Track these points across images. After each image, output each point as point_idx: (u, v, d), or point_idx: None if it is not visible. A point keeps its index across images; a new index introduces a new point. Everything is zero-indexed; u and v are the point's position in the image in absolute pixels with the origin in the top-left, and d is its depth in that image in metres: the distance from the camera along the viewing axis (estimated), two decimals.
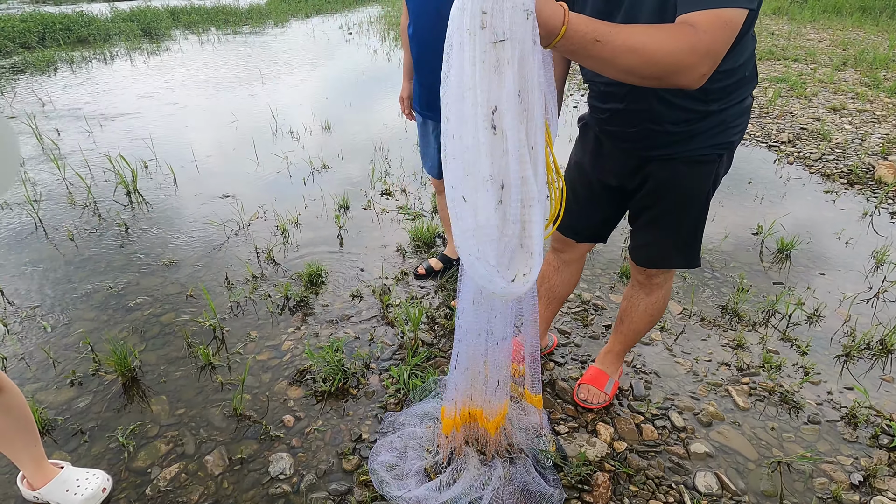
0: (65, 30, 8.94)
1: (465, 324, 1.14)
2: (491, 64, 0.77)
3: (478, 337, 1.16)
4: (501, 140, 0.80)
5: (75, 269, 2.45)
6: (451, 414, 1.30)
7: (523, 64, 0.77)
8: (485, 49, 0.76)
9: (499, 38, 0.76)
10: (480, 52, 0.77)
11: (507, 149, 0.80)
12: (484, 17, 0.75)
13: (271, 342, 1.96)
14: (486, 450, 1.35)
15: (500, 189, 0.81)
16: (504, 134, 0.79)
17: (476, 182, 0.81)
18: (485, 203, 0.82)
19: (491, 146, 0.80)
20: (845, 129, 4.02)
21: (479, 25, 0.75)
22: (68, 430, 1.59)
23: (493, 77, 0.77)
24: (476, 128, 0.79)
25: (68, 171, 3.52)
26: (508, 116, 0.78)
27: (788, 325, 2.01)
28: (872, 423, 1.57)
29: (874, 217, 2.80)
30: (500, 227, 0.83)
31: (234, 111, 4.94)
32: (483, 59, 0.77)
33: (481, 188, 0.81)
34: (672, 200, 1.26)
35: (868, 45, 6.52)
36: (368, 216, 2.95)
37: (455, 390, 1.27)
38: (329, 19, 12.08)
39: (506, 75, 0.77)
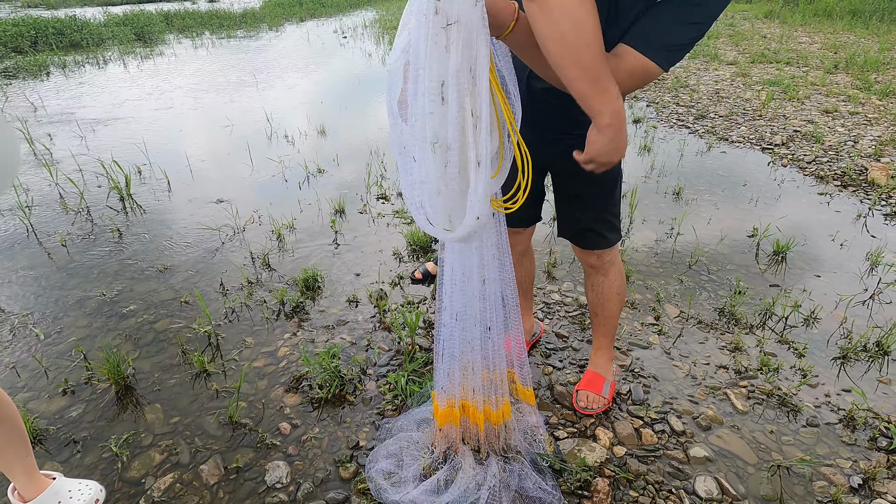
0: (57, 34, 8.89)
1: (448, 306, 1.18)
2: (441, 44, 0.89)
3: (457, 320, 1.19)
4: (446, 109, 0.92)
5: (68, 276, 2.42)
6: (444, 405, 1.30)
7: (470, 44, 0.89)
8: (436, 32, 0.88)
9: (449, 22, 0.87)
10: (433, 34, 0.88)
11: (449, 117, 0.92)
12: (437, 4, 0.86)
13: (267, 348, 1.95)
14: (480, 447, 1.34)
15: (446, 152, 0.95)
16: (448, 104, 0.92)
17: (424, 145, 0.96)
18: (430, 164, 0.96)
19: (440, 115, 0.93)
20: (838, 131, 4.05)
21: (434, 11, 0.87)
22: (60, 439, 1.57)
23: (443, 55, 0.89)
24: (426, 99, 0.92)
25: (60, 177, 3.48)
26: (453, 90, 0.90)
27: (785, 328, 2.01)
28: (871, 426, 1.57)
29: (868, 219, 2.82)
30: (444, 182, 0.97)
31: (228, 115, 4.92)
32: (435, 41, 0.89)
33: (428, 150, 0.96)
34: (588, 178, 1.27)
35: (859, 49, 6.59)
36: (364, 220, 2.94)
37: (447, 379, 1.27)
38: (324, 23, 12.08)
39: (452, 54, 0.89)
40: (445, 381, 1.28)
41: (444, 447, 1.35)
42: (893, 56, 6.14)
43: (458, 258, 1.14)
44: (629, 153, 3.86)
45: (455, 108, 0.91)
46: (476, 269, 1.14)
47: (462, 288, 1.16)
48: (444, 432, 1.34)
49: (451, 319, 1.20)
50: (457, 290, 1.17)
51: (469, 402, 1.30)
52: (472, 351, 1.22)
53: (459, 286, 1.16)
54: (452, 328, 1.21)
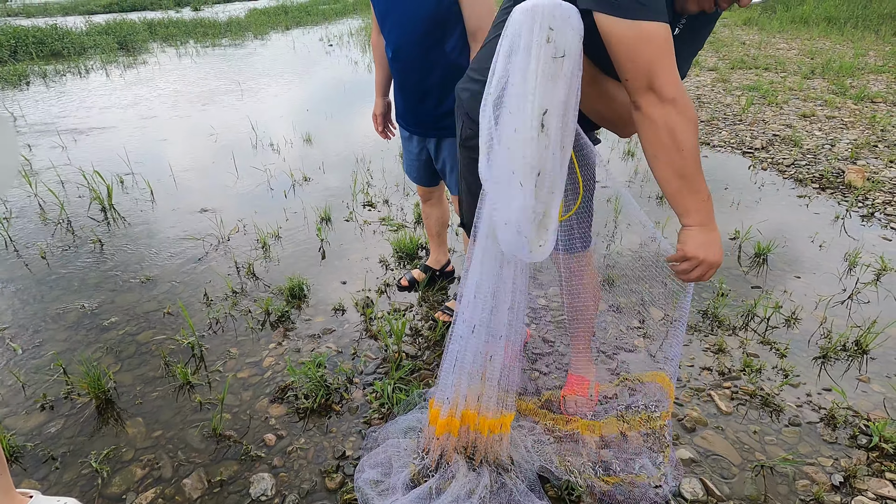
0: (38, 43, 8.77)
1: (469, 318, 1.19)
2: (550, 74, 0.93)
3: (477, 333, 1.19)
4: (546, 137, 0.97)
5: (47, 289, 2.38)
6: (445, 414, 1.29)
7: (572, 77, 0.94)
8: (547, 61, 0.92)
9: (559, 55, 0.91)
10: (543, 63, 0.92)
11: (549, 145, 0.97)
12: (550, 34, 0.90)
13: (252, 359, 1.93)
14: (475, 455, 1.34)
15: (537, 176, 0.99)
16: (548, 133, 0.96)
17: (527, 171, 0.98)
18: (529, 188, 1.00)
19: (538, 142, 0.96)
20: (816, 135, 4.14)
21: (546, 39, 0.91)
22: (38, 456, 1.53)
23: (549, 85, 0.93)
24: (532, 125, 0.96)
25: (40, 188, 3.43)
26: (554, 119, 0.95)
27: (767, 329, 2.04)
28: (851, 424, 1.60)
29: (846, 220, 2.88)
30: (534, 209, 1.01)
31: (213, 124, 4.88)
32: (544, 69, 0.92)
33: (529, 175, 0.98)
34: None
35: (835, 55, 6.75)
36: (351, 228, 2.93)
37: (452, 390, 1.26)
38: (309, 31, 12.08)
39: (559, 85, 0.93)
40: (451, 391, 1.27)
41: (437, 455, 1.35)
42: (867, 62, 6.30)
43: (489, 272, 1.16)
44: (614, 157, 3.91)
45: (557, 137, 0.96)
46: (509, 280, 1.17)
47: (485, 302, 1.18)
48: (441, 441, 1.33)
49: (468, 332, 1.20)
50: (479, 303, 1.18)
51: (471, 411, 1.30)
52: (490, 361, 1.23)
53: (484, 299, 1.17)
54: (468, 339, 1.21)
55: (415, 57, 1.64)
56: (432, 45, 1.59)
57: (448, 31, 1.56)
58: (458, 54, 1.61)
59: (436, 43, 1.58)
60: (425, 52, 1.61)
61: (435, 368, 1.86)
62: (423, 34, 1.58)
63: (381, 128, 2.07)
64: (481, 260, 1.16)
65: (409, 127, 1.89)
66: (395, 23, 1.63)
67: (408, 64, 1.68)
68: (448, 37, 1.57)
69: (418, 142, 1.92)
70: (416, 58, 1.64)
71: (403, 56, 1.66)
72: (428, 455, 1.36)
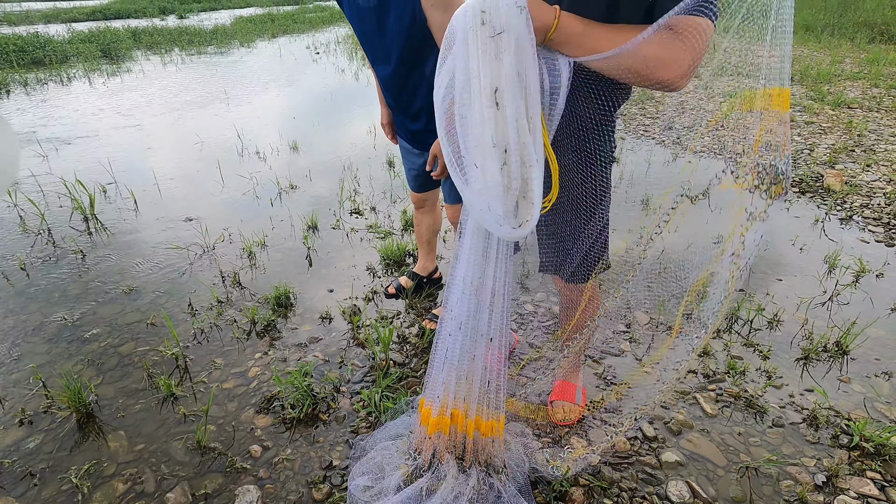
0: (19, 51, 8.65)
1: (457, 316, 1.20)
2: (491, 53, 0.93)
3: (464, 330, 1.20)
4: (503, 114, 0.96)
5: (27, 300, 2.33)
6: (436, 413, 1.30)
7: (520, 50, 0.93)
8: (485, 41, 0.93)
9: (497, 32, 0.92)
10: (482, 44, 0.93)
11: (507, 120, 0.96)
12: (483, 16, 0.91)
13: (237, 369, 1.90)
14: (465, 456, 1.34)
15: (504, 153, 0.98)
16: (504, 108, 0.95)
17: (483, 150, 0.98)
18: (492, 168, 0.99)
19: (494, 120, 0.96)
20: (795, 140, 4.23)
21: (480, 22, 0.92)
22: (16, 473, 1.49)
23: (494, 63, 0.93)
24: (482, 106, 0.96)
25: (20, 198, 3.37)
26: (507, 94, 0.94)
27: (750, 331, 2.07)
28: (833, 424, 1.62)
29: (825, 223, 2.94)
30: (506, 184, 1.00)
31: (198, 132, 4.85)
32: (484, 50, 0.93)
33: (488, 155, 0.98)
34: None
35: (812, 62, 6.92)
36: (338, 236, 2.92)
37: (442, 388, 1.27)
38: (296, 39, 12.08)
39: (504, 61, 0.93)
40: (440, 389, 1.28)
41: (429, 454, 1.35)
42: (843, 68, 6.46)
43: (475, 268, 1.17)
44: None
45: (511, 111, 0.96)
46: (490, 280, 1.17)
47: (472, 298, 1.18)
48: (433, 440, 1.34)
49: (456, 328, 1.22)
50: (465, 299, 1.19)
51: (459, 411, 1.30)
52: (473, 361, 1.24)
53: (469, 296, 1.18)
54: (455, 336, 1.22)
55: (398, 83, 1.69)
56: (411, 71, 1.64)
57: (424, 56, 1.60)
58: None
59: (414, 67, 1.63)
60: (406, 78, 1.66)
61: (423, 376, 1.85)
62: (400, 62, 1.63)
63: (391, 134, 2.09)
64: (468, 256, 1.17)
65: (408, 142, 1.93)
66: (375, 53, 1.68)
67: (394, 89, 1.74)
68: (426, 60, 1.61)
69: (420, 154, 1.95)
70: (400, 83, 1.69)
71: (389, 83, 1.72)
72: (420, 455, 1.36)
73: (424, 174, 2.02)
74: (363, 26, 1.63)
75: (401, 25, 1.52)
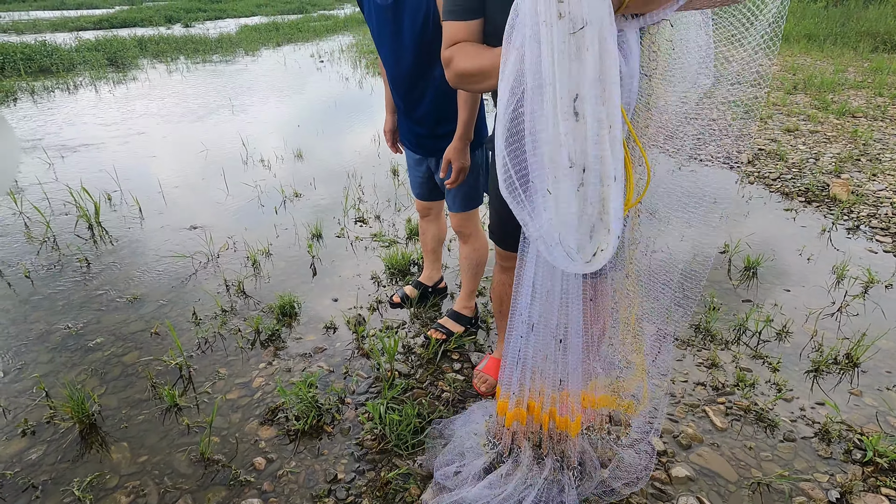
0: (26, 59, 8.72)
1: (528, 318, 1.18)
2: (570, 53, 0.76)
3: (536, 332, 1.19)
4: (583, 126, 0.80)
5: (31, 309, 2.33)
6: (513, 407, 1.33)
7: (603, 46, 0.77)
8: (563, 39, 0.76)
9: (577, 27, 0.75)
10: (559, 43, 0.76)
11: (587, 133, 0.81)
12: (560, 7, 0.74)
13: (241, 379, 1.89)
14: (542, 444, 1.37)
15: (582, 173, 0.83)
16: (585, 119, 0.80)
17: (558, 173, 0.82)
18: (566, 192, 0.83)
19: (574, 134, 0.81)
20: (800, 149, 4.22)
21: (557, 15, 0.75)
22: (18, 485, 1.48)
23: (574, 65, 0.77)
24: (556, 119, 0.80)
25: (26, 205, 3.38)
26: (589, 102, 0.79)
27: (759, 343, 2.05)
28: (845, 439, 1.60)
29: (832, 233, 2.92)
30: (580, 211, 0.85)
31: (203, 140, 4.86)
32: (561, 50, 0.76)
33: (563, 178, 0.83)
34: None
35: (815, 70, 6.92)
36: (342, 244, 2.92)
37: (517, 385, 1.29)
38: (300, 48, 12.16)
39: (586, 61, 0.77)
40: (515, 385, 1.29)
41: (509, 441, 1.38)
42: (847, 77, 6.46)
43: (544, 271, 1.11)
44: None
45: (592, 122, 0.80)
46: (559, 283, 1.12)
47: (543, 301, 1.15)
48: (511, 429, 1.37)
49: (528, 330, 1.20)
50: (536, 303, 1.15)
51: (535, 403, 1.32)
52: (545, 361, 1.24)
53: (540, 299, 1.14)
54: (528, 338, 1.21)
55: (409, 84, 1.71)
56: (423, 72, 1.66)
57: (435, 57, 1.60)
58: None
59: (426, 69, 1.65)
60: (417, 79, 1.68)
61: (428, 387, 1.84)
62: (412, 61, 1.65)
63: (392, 142, 2.09)
64: (536, 260, 1.12)
65: (412, 147, 1.93)
66: (388, 52, 1.69)
67: (403, 91, 1.75)
68: (435, 63, 1.62)
69: (420, 158, 1.95)
70: (409, 85, 1.71)
71: (399, 83, 1.74)
72: (501, 442, 1.40)
73: (429, 183, 2.02)
74: (379, 25, 1.65)
75: (414, 24, 1.54)
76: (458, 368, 1.93)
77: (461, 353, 2.01)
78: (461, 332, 2.07)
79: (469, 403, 1.76)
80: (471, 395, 1.80)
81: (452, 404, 1.75)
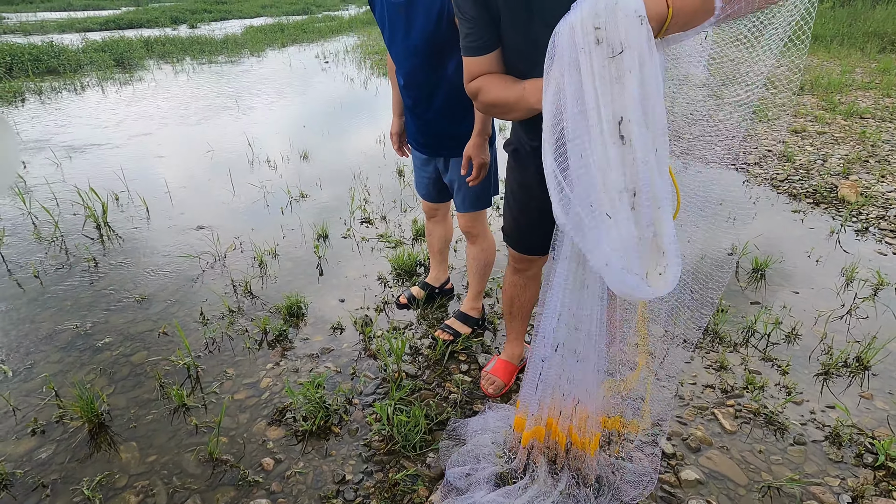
0: (34, 60, 8.78)
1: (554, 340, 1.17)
2: (611, 77, 0.78)
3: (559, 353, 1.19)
4: (630, 149, 0.81)
5: (40, 308, 2.34)
6: (531, 427, 1.33)
7: (643, 69, 0.79)
8: (603, 64, 0.78)
9: (616, 52, 0.77)
10: (599, 68, 0.78)
11: (636, 157, 0.81)
12: (598, 33, 0.76)
13: (249, 379, 1.89)
14: (557, 460, 1.37)
15: (633, 196, 0.83)
16: (632, 143, 0.81)
17: (612, 196, 0.83)
18: (623, 215, 0.84)
19: (622, 157, 0.81)
20: (807, 150, 4.19)
21: (595, 41, 0.77)
22: (28, 484, 1.49)
23: (616, 88, 0.79)
24: (605, 143, 0.81)
25: (34, 205, 3.40)
26: (635, 124, 0.80)
27: (768, 345, 2.04)
28: (856, 442, 1.58)
29: (840, 235, 2.90)
30: (639, 235, 0.85)
31: (209, 141, 4.88)
32: (602, 74, 0.78)
33: (618, 201, 0.83)
34: None
35: (822, 71, 6.88)
36: (348, 245, 2.92)
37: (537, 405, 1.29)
38: (305, 48, 12.20)
39: (627, 84, 0.78)
40: (535, 406, 1.29)
41: (524, 458, 1.38)
42: (854, 78, 6.42)
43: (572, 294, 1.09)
44: None
45: (640, 145, 0.81)
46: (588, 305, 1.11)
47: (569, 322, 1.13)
48: (528, 447, 1.37)
49: (551, 352, 1.19)
50: (563, 324, 1.14)
51: (554, 420, 1.33)
52: (569, 382, 1.24)
53: (566, 320, 1.12)
54: (551, 359, 1.20)
55: (420, 82, 1.71)
56: (434, 69, 1.65)
57: (447, 55, 1.61)
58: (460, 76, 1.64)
59: (438, 66, 1.64)
60: (428, 77, 1.68)
61: (436, 388, 1.84)
62: (424, 59, 1.65)
63: (398, 146, 2.09)
64: (564, 284, 1.09)
65: (420, 147, 1.93)
66: (399, 51, 1.69)
67: (414, 89, 1.75)
68: (448, 60, 1.62)
69: (427, 159, 1.95)
70: (422, 83, 1.71)
71: (410, 81, 1.74)
72: (516, 457, 1.40)
73: (436, 184, 2.02)
74: (392, 24, 1.65)
75: (428, 20, 1.55)
76: (466, 370, 1.93)
77: (468, 354, 2.01)
78: (468, 334, 2.07)
79: (477, 405, 1.75)
80: (478, 396, 1.80)
81: (460, 406, 1.75)
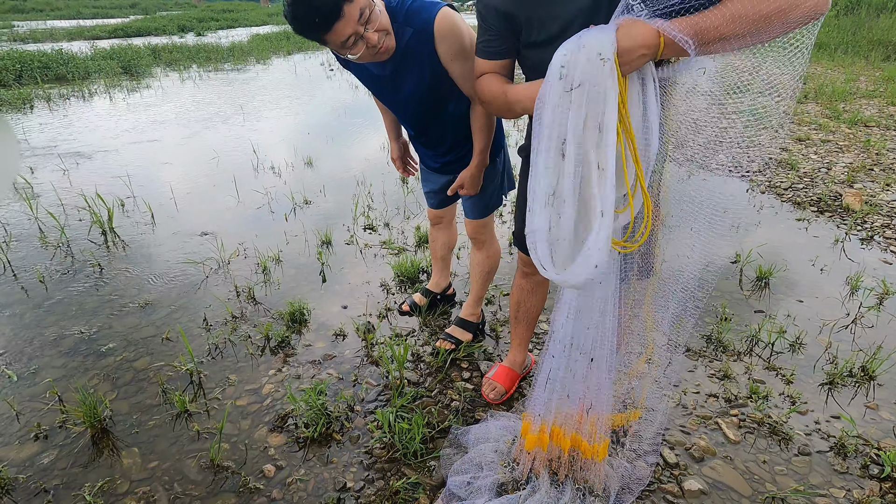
0: (43, 67, 8.89)
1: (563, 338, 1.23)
2: (564, 106, 0.98)
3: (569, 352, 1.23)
4: (565, 164, 1.01)
5: (45, 314, 2.35)
6: (537, 429, 1.34)
7: (597, 101, 0.96)
8: (559, 95, 0.98)
9: (573, 86, 0.96)
10: (556, 98, 0.98)
11: (568, 171, 1.01)
12: (562, 71, 0.97)
13: (251, 385, 1.90)
14: (559, 471, 1.38)
15: (564, 203, 1.02)
16: (568, 158, 1.00)
17: (541, 198, 1.04)
18: (539, 211, 1.04)
19: (557, 169, 1.02)
20: (811, 158, 4.19)
21: (558, 77, 0.97)
22: (30, 489, 1.49)
23: (565, 116, 0.98)
24: (546, 157, 1.02)
25: (41, 211, 3.43)
26: (572, 145, 0.99)
27: (772, 354, 2.03)
28: (861, 453, 1.57)
29: (845, 243, 2.89)
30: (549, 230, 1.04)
31: (214, 147, 4.92)
32: (557, 103, 0.98)
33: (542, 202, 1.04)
34: None
35: (826, 80, 6.88)
36: (351, 252, 2.93)
37: (544, 407, 1.30)
38: (311, 56, 12.30)
39: (572, 114, 0.97)
40: (542, 407, 1.32)
41: (527, 468, 1.39)
42: (858, 86, 6.42)
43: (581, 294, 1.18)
44: None
45: (573, 162, 0.99)
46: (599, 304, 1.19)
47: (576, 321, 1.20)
48: (531, 455, 1.38)
49: (561, 349, 1.24)
50: (570, 323, 1.21)
51: (559, 428, 1.34)
52: (574, 380, 1.26)
53: (573, 320, 1.20)
54: (560, 358, 1.25)
55: (424, 125, 1.74)
56: (435, 115, 1.68)
57: (444, 99, 1.63)
58: (461, 109, 1.68)
59: (438, 111, 1.67)
60: (431, 121, 1.71)
61: (438, 396, 1.83)
62: (420, 113, 1.67)
63: (402, 169, 2.10)
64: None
65: (432, 168, 1.95)
66: (391, 107, 1.74)
67: (422, 134, 1.79)
68: (447, 102, 1.64)
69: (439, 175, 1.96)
70: (426, 126, 1.74)
71: (416, 129, 1.78)
72: (519, 466, 1.41)
73: (443, 191, 2.02)
74: (378, 91, 1.68)
75: (420, 86, 1.56)
76: (468, 377, 1.93)
77: (470, 361, 2.01)
78: (469, 340, 2.06)
79: (479, 412, 1.75)
80: (480, 404, 1.80)
81: (462, 413, 1.74)
